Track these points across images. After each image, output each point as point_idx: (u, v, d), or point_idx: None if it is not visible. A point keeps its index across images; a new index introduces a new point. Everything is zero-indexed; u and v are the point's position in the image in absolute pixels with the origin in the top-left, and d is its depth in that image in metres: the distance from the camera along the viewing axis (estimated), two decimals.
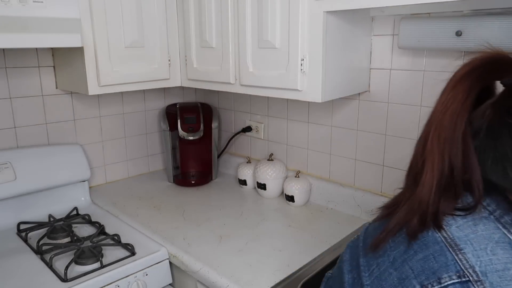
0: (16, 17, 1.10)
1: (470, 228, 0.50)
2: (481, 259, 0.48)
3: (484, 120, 0.51)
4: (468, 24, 1.11)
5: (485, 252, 0.48)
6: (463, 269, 0.47)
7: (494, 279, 0.46)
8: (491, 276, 0.46)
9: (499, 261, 0.47)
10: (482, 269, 0.47)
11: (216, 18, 1.37)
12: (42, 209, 1.50)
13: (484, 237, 0.49)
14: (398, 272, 0.53)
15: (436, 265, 0.49)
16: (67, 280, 1.09)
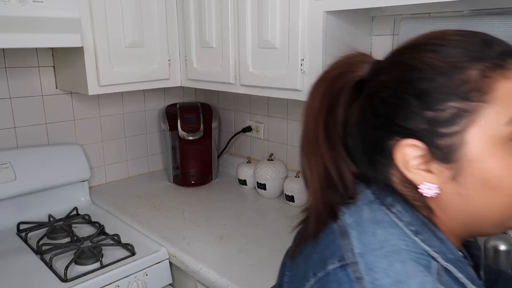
0: (16, 17, 1.10)
1: (358, 213, 0.52)
2: (362, 241, 0.49)
3: (352, 118, 0.54)
4: (468, 24, 1.11)
5: (366, 234, 0.50)
6: (344, 253, 0.49)
7: (369, 259, 0.47)
8: (367, 256, 0.47)
9: (376, 240, 0.48)
10: (360, 251, 0.48)
11: (216, 18, 1.37)
12: (42, 209, 1.50)
13: (368, 220, 0.51)
14: (305, 265, 0.54)
15: (327, 253, 0.51)
16: (67, 280, 1.09)
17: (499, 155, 0.46)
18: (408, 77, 0.48)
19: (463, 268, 0.49)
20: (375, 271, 0.46)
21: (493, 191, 0.47)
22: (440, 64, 0.47)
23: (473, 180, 0.47)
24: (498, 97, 0.46)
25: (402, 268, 0.45)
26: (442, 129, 0.46)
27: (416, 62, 0.48)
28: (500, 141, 0.46)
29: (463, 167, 0.47)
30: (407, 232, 0.49)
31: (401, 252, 0.47)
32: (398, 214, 0.50)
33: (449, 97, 0.46)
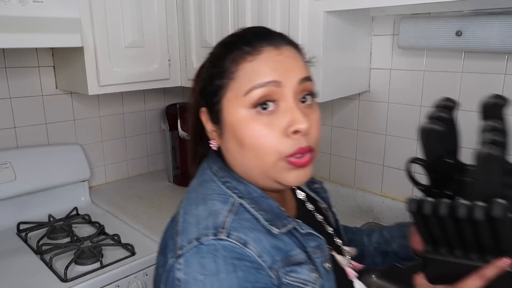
0: (16, 17, 1.09)
1: (196, 179, 0.68)
2: (188, 198, 0.65)
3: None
4: (468, 24, 1.11)
5: (192, 192, 0.65)
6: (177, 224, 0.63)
7: (186, 207, 0.63)
8: (186, 206, 0.63)
9: (196, 194, 0.64)
10: (184, 205, 0.64)
11: (216, 18, 1.37)
12: (42, 209, 1.50)
13: (198, 183, 0.66)
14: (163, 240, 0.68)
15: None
16: (67, 280, 1.09)
17: (243, 119, 0.60)
18: (205, 64, 0.67)
19: (261, 204, 0.62)
20: (187, 214, 0.61)
21: (242, 147, 0.61)
22: (217, 54, 0.65)
23: (229, 138, 0.62)
24: (240, 75, 0.60)
25: (203, 205, 0.61)
26: (212, 99, 0.63)
27: (211, 53, 0.67)
28: (242, 107, 0.60)
29: (224, 127, 0.63)
30: (219, 183, 0.64)
31: (207, 197, 0.62)
32: (216, 172, 0.65)
33: (216, 77, 0.63)
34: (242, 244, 0.56)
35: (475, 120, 1.24)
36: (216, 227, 0.57)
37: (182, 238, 0.59)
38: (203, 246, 0.56)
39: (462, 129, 1.27)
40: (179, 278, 0.56)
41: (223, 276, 0.54)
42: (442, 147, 0.68)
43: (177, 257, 0.57)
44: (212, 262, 0.55)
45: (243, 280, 0.54)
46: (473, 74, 1.18)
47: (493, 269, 0.60)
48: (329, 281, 0.63)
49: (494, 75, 1.15)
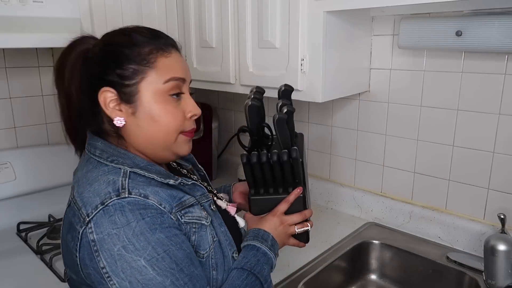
0: (16, 17, 1.09)
1: (81, 174, 0.75)
2: (79, 183, 0.74)
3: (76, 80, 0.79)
4: (468, 24, 1.11)
5: (83, 179, 0.73)
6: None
7: (79, 190, 0.72)
8: (79, 190, 0.72)
9: (87, 180, 0.72)
10: (77, 191, 0.73)
11: (216, 18, 1.37)
12: (42, 209, 1.50)
13: (85, 171, 0.74)
14: None
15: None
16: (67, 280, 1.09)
17: (159, 102, 0.74)
18: (108, 49, 0.75)
19: (151, 169, 0.74)
20: (83, 193, 0.70)
21: (155, 123, 0.74)
22: (126, 42, 0.74)
23: (144, 115, 0.74)
24: (158, 66, 0.74)
25: (97, 182, 0.70)
26: (126, 81, 0.73)
27: (114, 40, 0.76)
28: (161, 93, 0.74)
29: (138, 106, 0.74)
30: (106, 163, 0.73)
31: (98, 176, 0.71)
32: (100, 155, 0.75)
33: (130, 62, 0.73)
34: (143, 197, 0.68)
35: (475, 119, 1.25)
36: (117, 190, 0.67)
37: (86, 208, 0.67)
38: (109, 207, 0.66)
39: (462, 128, 1.28)
40: (93, 239, 0.65)
41: (133, 224, 0.65)
42: (258, 117, 0.95)
43: (86, 224, 0.66)
44: (121, 216, 0.65)
45: (151, 223, 0.66)
46: (473, 74, 1.18)
47: (293, 196, 0.89)
48: (217, 218, 0.81)
49: (494, 75, 1.15)
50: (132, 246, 0.64)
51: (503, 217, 1.08)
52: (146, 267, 0.64)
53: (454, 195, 1.29)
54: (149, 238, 0.65)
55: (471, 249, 1.25)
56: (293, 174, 0.88)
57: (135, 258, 0.64)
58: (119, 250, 0.64)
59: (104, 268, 0.64)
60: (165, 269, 0.65)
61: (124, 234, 0.64)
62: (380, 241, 1.33)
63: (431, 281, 1.23)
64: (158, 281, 0.64)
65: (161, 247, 0.66)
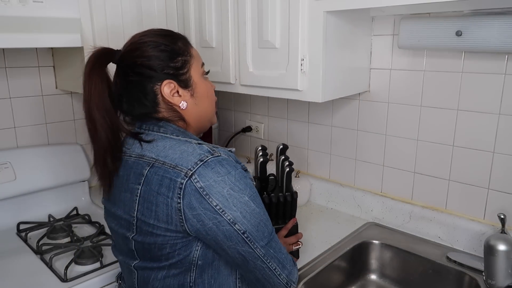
0: (16, 17, 1.09)
1: (160, 143, 0.87)
2: (163, 154, 0.85)
3: (117, 87, 0.90)
4: (468, 24, 1.11)
5: (169, 148, 0.85)
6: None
7: (175, 162, 0.82)
8: (171, 161, 0.83)
9: (174, 151, 0.84)
10: (162, 161, 0.84)
11: (216, 18, 1.37)
12: (42, 209, 1.50)
13: (169, 146, 0.86)
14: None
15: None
16: (67, 280, 1.09)
17: (204, 81, 0.95)
18: (150, 50, 0.88)
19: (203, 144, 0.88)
20: (168, 156, 0.83)
21: (208, 98, 0.96)
22: (164, 43, 0.89)
23: (199, 95, 0.93)
24: (193, 54, 0.93)
25: (178, 147, 0.84)
26: (180, 71, 0.90)
27: (149, 42, 0.89)
28: (202, 74, 0.95)
29: (194, 88, 0.92)
30: (181, 138, 0.88)
31: (180, 146, 0.84)
32: (174, 134, 0.89)
33: (177, 55, 0.89)
34: (228, 156, 0.84)
35: (475, 119, 1.25)
36: (209, 151, 0.82)
37: (183, 166, 0.80)
38: (208, 162, 0.80)
39: (462, 128, 1.28)
40: (201, 187, 0.79)
41: (232, 172, 0.82)
42: (265, 170, 1.23)
43: (189, 176, 0.79)
44: (221, 167, 0.81)
45: (241, 173, 0.84)
46: (473, 74, 1.18)
47: (291, 224, 1.18)
48: None
49: (494, 75, 1.15)
50: (237, 187, 0.81)
51: (503, 217, 1.08)
52: (249, 202, 0.82)
53: (454, 195, 1.29)
54: (246, 182, 0.83)
55: (471, 249, 1.25)
56: (291, 209, 1.19)
57: (241, 195, 0.81)
58: (228, 191, 0.80)
59: (218, 205, 0.79)
60: (259, 203, 0.85)
61: (228, 180, 0.80)
62: (380, 241, 1.33)
63: (431, 281, 1.23)
64: (257, 211, 0.84)
65: (252, 188, 0.85)
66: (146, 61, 0.87)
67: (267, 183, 1.24)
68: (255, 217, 0.83)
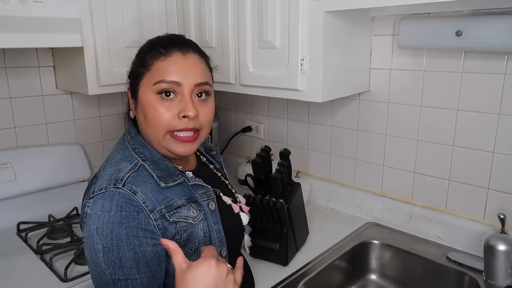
0: (16, 17, 1.09)
1: (113, 151, 0.90)
2: (108, 162, 0.86)
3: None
4: (468, 24, 1.11)
5: (112, 158, 0.86)
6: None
7: (104, 169, 0.84)
8: (105, 168, 0.84)
9: (113, 160, 0.85)
10: (103, 167, 0.86)
11: (216, 18, 1.37)
12: (42, 209, 1.50)
13: (116, 150, 0.88)
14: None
15: None
16: (67, 280, 1.09)
17: (150, 100, 0.84)
18: (138, 52, 0.91)
19: (159, 165, 0.85)
20: (104, 172, 0.83)
21: (146, 119, 0.85)
22: (141, 48, 0.90)
23: (140, 110, 0.87)
24: (153, 69, 0.85)
25: (114, 166, 0.82)
26: (134, 80, 0.88)
27: (142, 45, 0.91)
28: (151, 92, 0.84)
29: (138, 102, 0.87)
30: (130, 149, 0.86)
31: (119, 160, 0.84)
32: (129, 141, 0.88)
33: (138, 65, 0.87)
34: (132, 192, 0.78)
35: (475, 119, 1.25)
36: (117, 179, 0.79)
37: (96, 186, 0.80)
38: (106, 192, 0.78)
39: (462, 128, 1.28)
40: (86, 212, 0.78)
41: (112, 213, 0.76)
42: (260, 170, 1.25)
43: (89, 198, 0.79)
44: (109, 203, 0.77)
45: (123, 218, 0.76)
46: (473, 74, 1.18)
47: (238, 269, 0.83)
48: (214, 217, 0.88)
49: (494, 75, 1.15)
50: (101, 230, 0.75)
51: (503, 217, 1.08)
52: (100, 252, 0.75)
53: (454, 195, 1.29)
54: (114, 230, 0.75)
55: (471, 249, 1.25)
56: (279, 217, 1.17)
57: (97, 241, 0.75)
58: (93, 230, 0.76)
59: (84, 237, 0.78)
60: (110, 261, 0.75)
61: (102, 218, 0.76)
62: (380, 241, 1.33)
63: (431, 281, 1.23)
64: (102, 267, 0.75)
65: (116, 241, 0.75)
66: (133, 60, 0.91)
67: (261, 183, 1.26)
68: (97, 271, 0.76)
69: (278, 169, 1.20)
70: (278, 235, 1.18)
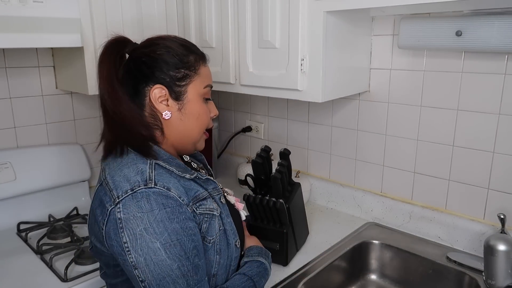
0: (16, 17, 1.09)
1: (112, 159, 0.86)
2: (112, 166, 0.84)
3: (117, 76, 0.87)
4: (468, 24, 1.11)
5: (120, 163, 0.83)
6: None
7: (114, 184, 0.80)
8: (111, 172, 0.82)
9: (122, 163, 0.83)
10: (109, 180, 0.81)
11: (216, 18, 1.37)
12: (42, 209, 1.50)
13: (124, 159, 0.84)
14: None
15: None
16: (67, 280, 1.09)
17: (199, 102, 0.90)
18: (160, 52, 0.87)
19: (171, 162, 0.85)
20: (114, 176, 0.80)
21: (196, 120, 0.90)
22: (176, 51, 0.88)
23: (188, 112, 0.89)
24: (201, 73, 0.90)
25: (127, 168, 0.80)
26: (177, 82, 0.87)
27: (164, 44, 0.89)
28: (201, 95, 0.91)
29: (185, 104, 0.88)
30: (133, 153, 0.83)
31: (128, 163, 0.82)
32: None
33: (181, 67, 0.87)
34: (166, 189, 0.78)
35: (475, 119, 1.25)
36: (145, 180, 0.78)
37: (117, 191, 0.77)
38: (137, 193, 0.76)
39: (462, 128, 1.28)
40: (119, 218, 0.75)
41: (156, 212, 0.75)
42: (260, 170, 1.26)
43: (115, 204, 0.76)
44: (146, 203, 0.75)
45: (171, 213, 0.76)
46: (473, 74, 1.18)
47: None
48: (225, 210, 0.92)
49: (494, 75, 1.15)
50: (152, 229, 0.74)
51: (503, 217, 1.08)
52: (160, 250, 0.74)
53: (454, 195, 1.29)
54: (167, 226, 0.75)
55: (471, 249, 1.25)
56: (279, 217, 1.17)
57: (153, 240, 0.74)
58: (141, 231, 0.74)
59: (126, 243, 0.75)
60: (175, 255, 0.75)
61: (147, 218, 0.74)
62: (380, 241, 1.33)
63: (431, 281, 1.23)
64: (167, 263, 0.75)
65: (175, 235, 0.76)
66: (150, 61, 0.87)
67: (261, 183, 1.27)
68: (160, 269, 0.74)
69: (278, 169, 1.21)
70: (278, 235, 1.18)
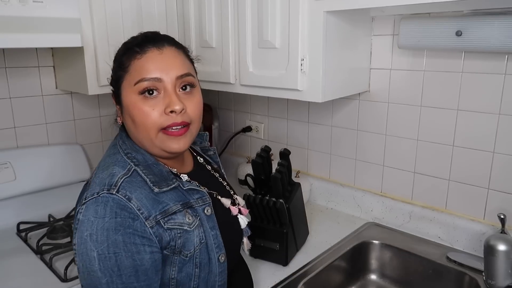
0: (16, 17, 1.09)
1: (105, 156, 0.87)
2: (99, 167, 0.84)
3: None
4: (468, 24, 1.11)
5: (103, 162, 0.84)
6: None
7: (96, 173, 0.82)
8: (96, 173, 0.82)
9: (104, 163, 0.83)
10: (96, 172, 0.83)
11: (216, 18, 1.37)
12: (42, 209, 1.50)
13: (108, 155, 0.85)
14: None
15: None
16: (67, 280, 1.09)
17: (133, 101, 0.81)
18: (113, 62, 0.88)
19: (152, 169, 0.82)
20: (95, 177, 0.80)
21: (134, 123, 0.81)
22: (118, 52, 0.87)
23: (126, 115, 0.83)
24: (131, 70, 0.82)
25: (106, 170, 0.79)
26: (116, 84, 0.85)
27: (117, 50, 0.88)
28: (133, 93, 0.81)
29: (123, 107, 0.84)
30: (122, 154, 0.83)
31: (111, 165, 0.81)
32: (121, 145, 0.85)
33: (117, 69, 0.85)
34: (126, 199, 0.75)
35: (475, 120, 1.25)
36: (110, 185, 0.76)
37: (88, 192, 0.77)
38: (99, 197, 0.75)
39: (462, 128, 1.28)
40: (79, 219, 0.75)
41: (106, 219, 0.73)
42: (260, 170, 1.26)
43: (81, 205, 0.76)
44: (102, 209, 0.74)
45: (119, 224, 0.73)
46: (473, 74, 1.18)
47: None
48: (210, 222, 0.85)
49: (494, 75, 1.15)
50: (96, 236, 0.72)
51: (503, 217, 1.08)
52: (95, 259, 0.72)
53: (454, 195, 1.29)
54: (110, 236, 0.72)
55: (471, 249, 1.25)
56: (279, 216, 1.16)
57: (92, 248, 0.72)
58: (87, 236, 0.73)
59: (75, 245, 0.75)
60: (107, 268, 0.72)
61: (96, 224, 0.73)
62: (380, 241, 1.33)
63: (431, 281, 1.23)
64: (98, 275, 0.72)
65: (113, 248, 0.72)
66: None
67: (261, 183, 1.27)
68: (90, 280, 0.73)
69: (278, 169, 1.21)
70: (278, 235, 1.18)
